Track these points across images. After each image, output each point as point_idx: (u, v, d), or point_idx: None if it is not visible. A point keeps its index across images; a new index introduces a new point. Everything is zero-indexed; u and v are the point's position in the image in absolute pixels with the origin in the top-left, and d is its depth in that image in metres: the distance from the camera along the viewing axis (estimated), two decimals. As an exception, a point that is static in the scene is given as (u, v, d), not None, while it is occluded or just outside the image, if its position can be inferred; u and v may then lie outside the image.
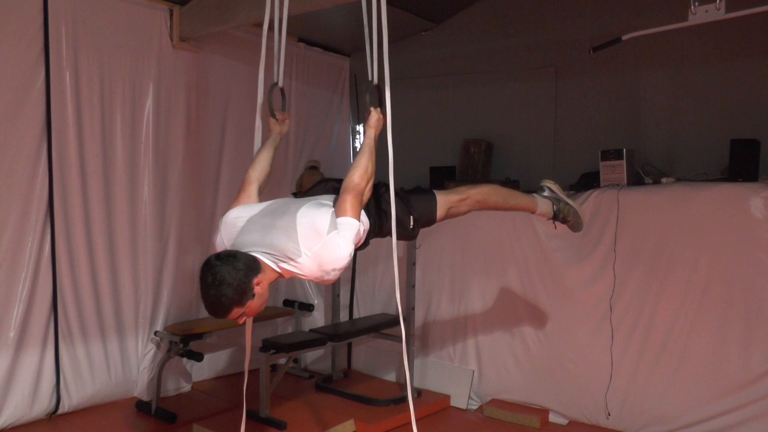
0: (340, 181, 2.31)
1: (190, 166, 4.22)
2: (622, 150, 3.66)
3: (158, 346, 4.04)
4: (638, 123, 4.17)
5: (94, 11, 3.67)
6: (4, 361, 3.41)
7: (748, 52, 3.78)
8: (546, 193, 2.89)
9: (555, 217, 2.87)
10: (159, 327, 4.07)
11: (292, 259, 1.97)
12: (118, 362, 3.94)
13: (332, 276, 2.00)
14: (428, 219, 2.51)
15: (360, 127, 5.56)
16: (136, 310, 4.01)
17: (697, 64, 3.97)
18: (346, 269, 2.08)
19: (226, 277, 1.89)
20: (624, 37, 3.21)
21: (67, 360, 3.66)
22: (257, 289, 1.96)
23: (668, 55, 4.01)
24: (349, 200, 2.08)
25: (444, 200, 2.53)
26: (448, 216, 2.57)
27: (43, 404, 3.58)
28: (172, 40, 4.01)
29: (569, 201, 2.91)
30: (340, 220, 2.03)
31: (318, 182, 2.52)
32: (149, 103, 3.97)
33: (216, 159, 4.41)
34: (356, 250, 2.28)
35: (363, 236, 2.24)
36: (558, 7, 4.47)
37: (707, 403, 3.26)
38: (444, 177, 4.58)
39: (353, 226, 2.04)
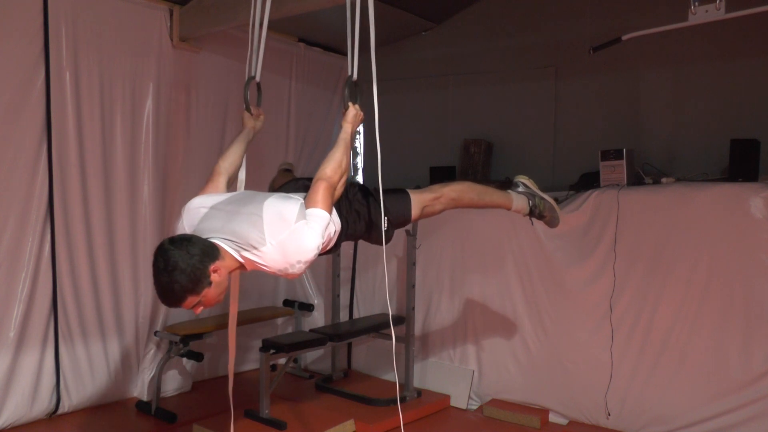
0: (311, 180, 2.21)
1: (191, 166, 4.22)
2: (622, 150, 3.66)
3: (158, 346, 4.04)
4: (638, 123, 4.18)
5: (94, 11, 3.67)
6: (4, 361, 3.41)
7: (748, 52, 3.78)
8: (521, 189, 2.82)
9: (531, 212, 2.80)
10: (159, 327, 4.07)
11: (255, 248, 1.87)
12: (118, 362, 3.93)
13: (296, 269, 1.89)
14: (403, 219, 2.43)
15: (360, 128, 5.55)
16: (136, 310, 4.01)
17: (697, 64, 3.97)
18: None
19: (179, 262, 1.78)
20: (624, 37, 3.21)
21: (67, 360, 3.66)
22: (214, 277, 1.84)
23: (668, 55, 4.02)
24: (320, 192, 1.99)
25: (418, 199, 2.45)
26: (423, 216, 2.50)
27: (43, 404, 3.58)
28: (172, 40, 4.01)
29: (544, 196, 2.84)
30: (309, 210, 1.94)
31: (289, 181, 2.47)
32: (149, 103, 3.96)
33: (216, 159, 4.37)
34: (324, 254, 2.17)
35: (334, 237, 2.15)
36: (558, 7, 4.47)
37: (707, 403, 3.26)
38: (444, 177, 4.58)
39: (323, 219, 1.95)
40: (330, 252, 2.25)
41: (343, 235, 2.25)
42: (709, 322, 3.27)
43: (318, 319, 4.76)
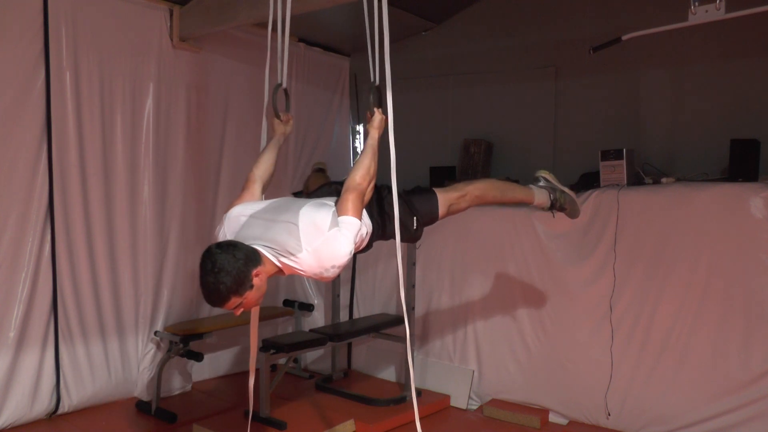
0: (342, 183, 2.31)
1: (191, 166, 4.22)
2: (622, 150, 3.66)
3: (158, 346, 4.04)
4: (638, 123, 4.17)
5: (94, 11, 3.67)
6: (4, 361, 3.42)
7: (748, 52, 3.78)
8: (542, 183, 2.93)
9: (552, 206, 2.91)
10: (159, 327, 4.07)
11: (292, 254, 1.99)
12: (118, 362, 3.94)
13: (331, 273, 2.02)
14: (430, 218, 2.53)
15: (360, 127, 5.56)
16: (136, 310, 4.01)
17: (697, 64, 3.97)
18: (345, 268, 2.10)
19: (225, 265, 1.90)
20: (624, 37, 3.21)
21: (67, 360, 3.66)
22: (256, 281, 1.96)
23: (668, 55, 4.01)
24: (350, 199, 2.10)
25: (444, 198, 2.55)
26: (449, 213, 2.59)
27: (43, 404, 3.58)
28: (172, 40, 4.01)
29: (565, 189, 2.95)
30: (341, 218, 2.05)
31: (323, 185, 2.55)
32: (149, 103, 3.97)
33: (216, 159, 4.41)
34: (358, 252, 2.31)
35: (366, 238, 2.25)
36: (558, 7, 4.47)
37: (707, 403, 3.26)
38: (444, 177, 4.58)
39: (354, 225, 2.06)
40: (363, 251, 2.36)
41: (375, 235, 2.34)
42: (709, 322, 3.27)
43: (318, 319, 4.76)
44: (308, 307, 4.67)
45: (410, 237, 2.49)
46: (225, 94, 4.41)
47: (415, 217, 2.45)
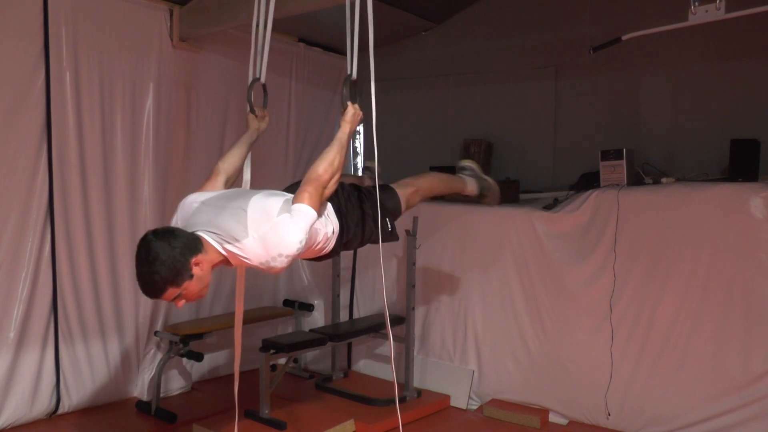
0: None
1: (191, 166, 4.22)
2: (622, 150, 3.66)
3: (158, 346, 4.04)
4: (638, 123, 4.18)
5: (94, 11, 3.66)
6: (4, 361, 3.41)
7: (748, 52, 3.78)
8: (469, 173, 3.01)
9: (480, 193, 3.00)
10: (159, 327, 4.07)
11: (237, 240, 1.89)
12: (118, 362, 3.93)
13: (279, 263, 1.90)
14: (396, 215, 2.53)
15: (360, 128, 5.55)
16: (136, 310, 4.00)
17: (697, 64, 3.97)
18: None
19: (160, 253, 1.80)
20: (624, 37, 3.22)
21: (67, 360, 3.66)
22: (196, 270, 1.86)
23: (668, 55, 4.01)
24: (308, 189, 2.02)
25: (402, 194, 2.55)
26: (406, 209, 2.60)
27: (43, 404, 3.57)
28: (172, 40, 4.01)
29: (487, 178, 3.05)
30: (295, 206, 1.96)
31: (293, 183, 2.50)
32: (149, 103, 3.96)
33: (216, 159, 4.33)
34: (322, 258, 2.23)
35: (332, 238, 2.18)
36: (558, 7, 4.47)
37: (707, 403, 3.26)
38: (444, 177, 4.58)
39: (308, 215, 1.96)
40: (330, 256, 2.28)
41: (344, 236, 2.27)
42: (709, 322, 3.27)
43: (318, 319, 4.76)
44: (308, 307, 4.67)
45: (388, 237, 2.44)
46: (225, 94, 4.41)
47: (387, 219, 2.42)
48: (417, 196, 2.63)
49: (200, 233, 1.93)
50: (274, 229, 1.89)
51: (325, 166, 2.11)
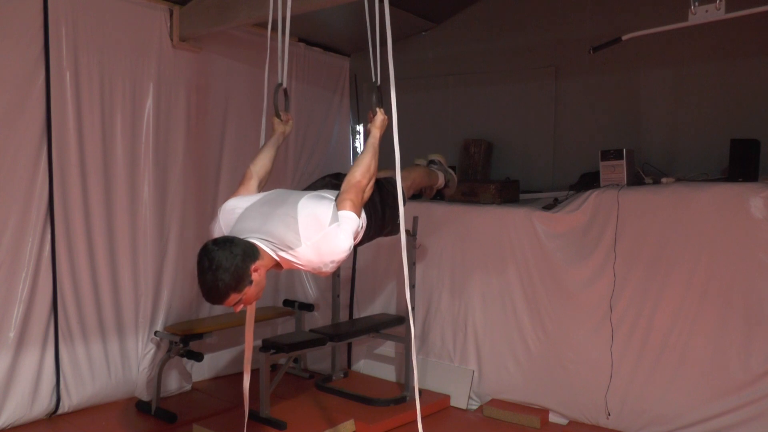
0: (336, 176, 2.38)
1: (191, 166, 4.22)
2: (622, 150, 3.66)
3: (158, 346, 4.04)
4: (638, 123, 4.17)
5: (94, 11, 3.67)
6: (4, 361, 3.41)
7: (748, 52, 3.78)
8: (437, 167, 3.24)
9: (446, 184, 3.24)
10: (159, 327, 4.07)
11: (291, 248, 1.98)
12: (118, 362, 3.94)
13: (329, 268, 2.03)
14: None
15: (360, 127, 5.56)
16: (136, 310, 4.01)
17: (697, 64, 3.97)
18: (342, 264, 2.12)
19: (223, 262, 1.88)
20: (624, 37, 3.22)
21: (67, 360, 3.66)
22: (255, 276, 1.95)
23: (668, 55, 4.01)
24: (350, 197, 2.12)
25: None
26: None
27: (43, 404, 3.58)
28: (172, 40, 4.01)
29: (450, 171, 3.32)
30: (341, 213, 2.07)
31: (318, 179, 2.60)
32: (149, 103, 3.96)
33: (216, 159, 4.41)
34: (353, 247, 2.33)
35: (361, 232, 2.27)
36: (558, 7, 4.47)
37: (707, 403, 3.26)
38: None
39: (353, 221, 2.08)
40: (358, 246, 2.38)
41: (370, 229, 2.37)
42: (709, 322, 3.27)
43: (318, 319, 4.76)
44: (308, 307, 4.67)
45: (394, 230, 2.54)
46: (225, 94, 4.41)
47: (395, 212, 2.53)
48: (410, 190, 2.79)
49: (253, 240, 2.00)
50: (326, 238, 1.98)
51: (363, 172, 2.21)
